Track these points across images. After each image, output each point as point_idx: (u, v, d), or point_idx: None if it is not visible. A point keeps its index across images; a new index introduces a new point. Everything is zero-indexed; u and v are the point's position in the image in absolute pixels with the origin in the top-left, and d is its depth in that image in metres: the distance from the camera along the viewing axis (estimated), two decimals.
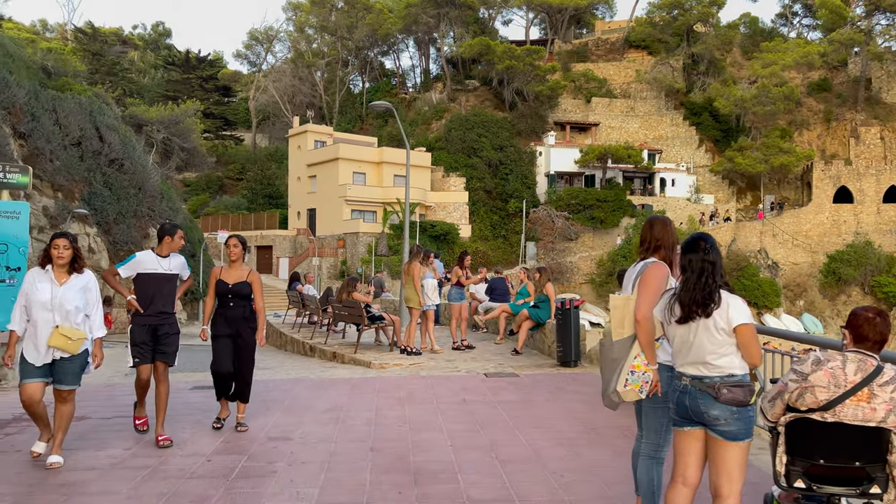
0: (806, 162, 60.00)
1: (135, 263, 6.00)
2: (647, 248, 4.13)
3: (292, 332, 14.92)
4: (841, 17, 67.12)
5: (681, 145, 66.20)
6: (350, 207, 54.30)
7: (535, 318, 11.01)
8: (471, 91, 70.54)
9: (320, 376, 9.36)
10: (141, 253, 6.07)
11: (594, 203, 57.34)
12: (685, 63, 68.80)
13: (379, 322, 11.68)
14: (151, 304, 5.87)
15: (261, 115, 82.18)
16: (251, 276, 6.33)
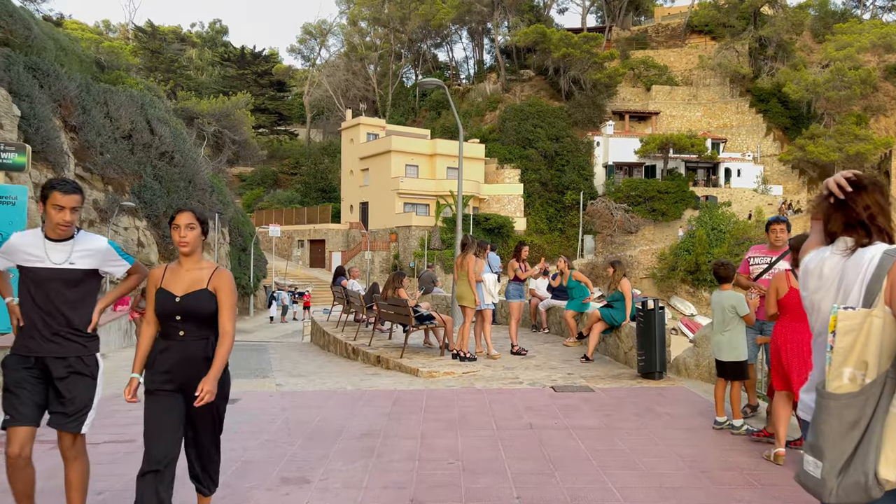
0: (885, 150, 56.23)
1: (6, 249, 3.57)
2: None
3: (335, 332, 13.76)
4: None
5: (747, 134, 63.01)
6: (402, 200, 53.32)
7: (609, 319, 9.53)
8: (525, 81, 68.71)
9: (359, 386, 8.10)
10: (17, 234, 3.57)
11: (655, 195, 54.97)
12: (751, 47, 65.44)
13: (428, 323, 10.37)
14: (38, 322, 3.46)
15: (315, 110, 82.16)
16: (216, 279, 3.45)
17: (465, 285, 9.66)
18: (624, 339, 9.40)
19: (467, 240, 9.74)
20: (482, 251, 10.00)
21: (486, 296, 9.66)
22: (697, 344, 8.13)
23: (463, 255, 9.69)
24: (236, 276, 36.73)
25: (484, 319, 9.95)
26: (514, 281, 10.63)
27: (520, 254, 10.80)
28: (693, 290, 51.77)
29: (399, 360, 9.84)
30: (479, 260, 9.76)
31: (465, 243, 9.73)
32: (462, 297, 9.66)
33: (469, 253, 9.63)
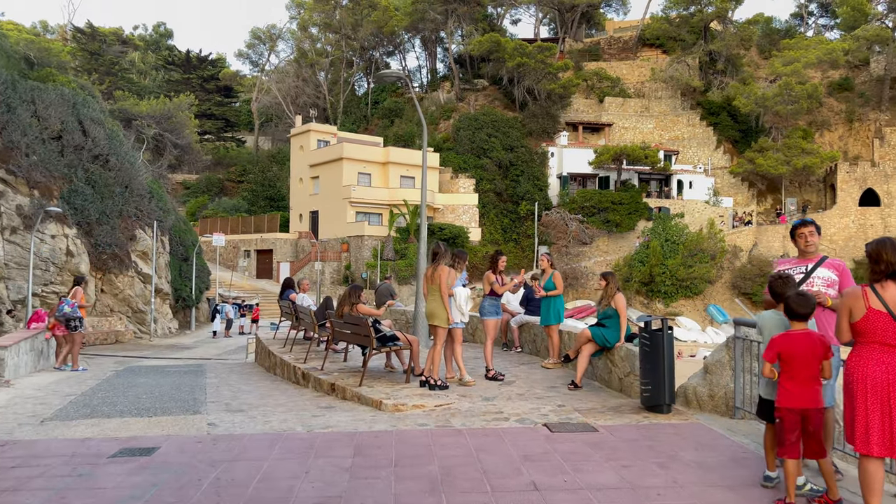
0: (830, 163, 57.26)
1: None
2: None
3: (283, 353, 12.23)
4: (862, 13, 64.49)
5: (698, 146, 63.49)
6: (354, 209, 51.74)
7: (600, 340, 8.31)
8: (479, 90, 68.01)
9: (311, 426, 6.67)
10: None
11: (609, 206, 54.69)
12: (702, 61, 66.17)
13: (392, 344, 8.99)
14: None
15: (263, 117, 79.90)
16: None
17: (436, 301, 8.33)
18: (619, 362, 8.19)
19: (440, 249, 8.43)
20: (459, 262, 8.69)
21: (455, 313, 8.33)
22: (710, 371, 6.96)
23: (434, 267, 8.37)
24: (177, 287, 34.55)
25: (454, 340, 8.64)
26: (490, 296, 9.35)
27: (497, 264, 9.52)
28: (647, 302, 51.52)
29: (358, 388, 8.43)
30: (454, 272, 8.45)
31: (437, 252, 8.41)
32: (433, 314, 8.33)
33: (441, 264, 8.31)
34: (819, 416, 4.34)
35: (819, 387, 4.37)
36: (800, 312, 4.44)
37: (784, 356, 4.42)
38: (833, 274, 5.36)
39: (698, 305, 51.89)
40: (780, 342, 4.46)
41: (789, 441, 4.35)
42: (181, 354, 22.53)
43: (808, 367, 4.36)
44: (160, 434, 6.47)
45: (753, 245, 54.74)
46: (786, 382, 4.42)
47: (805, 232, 5.48)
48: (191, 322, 35.43)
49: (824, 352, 4.38)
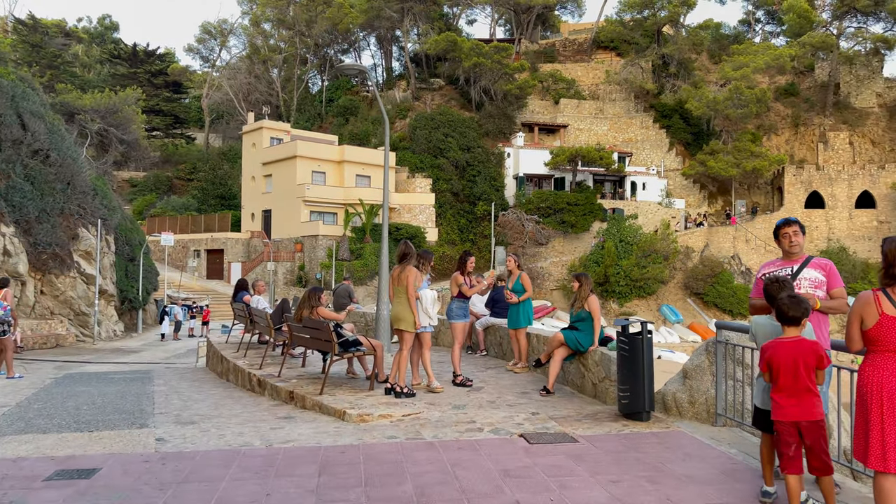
0: (777, 166, 58.70)
1: None
2: None
3: (236, 358, 11.62)
4: (808, 21, 66.28)
5: (651, 148, 64.38)
6: (309, 209, 50.80)
7: (573, 344, 8.00)
8: (436, 90, 67.66)
9: (270, 440, 6.17)
10: None
11: (565, 207, 54.96)
12: (655, 64, 67.13)
13: (355, 350, 8.52)
14: None
15: (214, 114, 77.98)
16: None
17: (403, 304, 7.91)
18: (592, 367, 7.89)
19: (408, 248, 8.01)
20: (424, 263, 8.28)
21: (423, 317, 7.93)
22: (690, 376, 6.70)
23: (401, 268, 7.95)
24: (123, 288, 33.23)
25: (422, 345, 8.22)
26: (458, 298, 8.96)
27: (465, 265, 9.13)
28: (602, 302, 51.86)
29: (319, 397, 7.94)
30: (420, 274, 8.04)
31: (406, 253, 7.99)
32: (400, 318, 7.91)
33: (409, 264, 7.89)
34: (816, 429, 4.06)
35: (814, 398, 4.09)
36: (791, 316, 4.16)
37: (772, 365, 4.15)
38: (820, 274, 5.15)
39: (651, 305, 52.52)
40: (768, 350, 4.19)
41: (787, 455, 4.07)
42: (127, 359, 21.55)
43: (795, 378, 4.08)
44: (102, 452, 5.89)
45: (705, 246, 55.68)
46: (774, 394, 4.15)
47: (789, 231, 5.25)
48: (137, 324, 34.15)
49: (817, 361, 4.09)
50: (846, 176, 57.29)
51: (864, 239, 55.66)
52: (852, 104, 65.43)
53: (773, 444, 4.35)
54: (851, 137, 63.99)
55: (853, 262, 51.89)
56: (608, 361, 7.45)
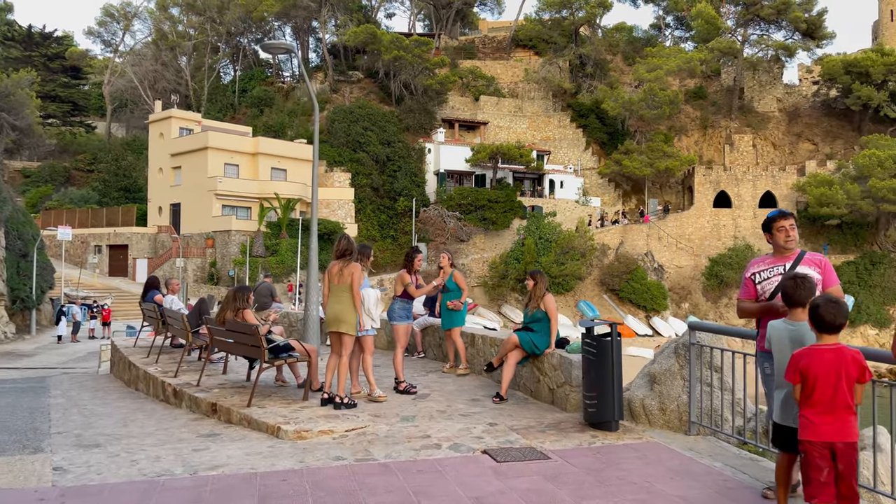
0: (688, 167, 60.67)
1: None
2: None
3: (147, 364, 10.46)
4: (715, 27, 68.80)
5: (568, 147, 65.32)
6: (221, 202, 48.62)
7: (529, 346, 7.42)
8: (354, 83, 66.27)
9: (194, 466, 5.28)
10: None
11: (486, 203, 54.95)
12: (573, 64, 68.13)
13: (286, 356, 7.65)
14: None
15: (117, 102, 73.59)
16: None
17: (344, 304, 7.13)
18: (549, 371, 7.34)
19: (350, 244, 7.22)
20: (364, 259, 7.53)
21: (365, 319, 7.18)
22: (659, 381, 6.23)
23: (343, 263, 7.15)
24: (15, 287, 30.59)
25: (364, 349, 7.46)
26: (402, 298, 8.23)
27: (412, 263, 8.42)
28: (522, 298, 52.15)
29: (247, 410, 7.04)
30: (363, 273, 7.28)
31: (349, 249, 7.19)
32: (341, 319, 7.11)
33: (352, 261, 7.12)
34: (851, 452, 3.56)
35: (852, 416, 3.58)
36: (837, 323, 3.65)
37: (807, 376, 3.62)
38: (815, 272, 4.70)
39: (569, 301, 53.19)
40: (802, 359, 3.66)
41: (817, 481, 3.54)
42: (19, 363, 19.63)
43: (835, 392, 3.57)
44: None
45: (620, 243, 56.91)
46: (806, 410, 3.62)
47: (786, 225, 4.79)
48: (31, 325, 31.53)
49: (859, 373, 3.60)
50: (751, 177, 59.86)
51: None
52: (755, 108, 68.50)
53: (790, 465, 3.86)
54: (755, 140, 67.00)
55: None
56: (568, 365, 6.91)
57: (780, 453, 4.00)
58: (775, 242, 4.84)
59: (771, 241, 4.91)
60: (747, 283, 4.85)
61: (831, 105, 66.27)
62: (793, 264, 4.71)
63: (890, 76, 57.95)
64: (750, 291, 4.81)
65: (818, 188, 51.80)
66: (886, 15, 71.81)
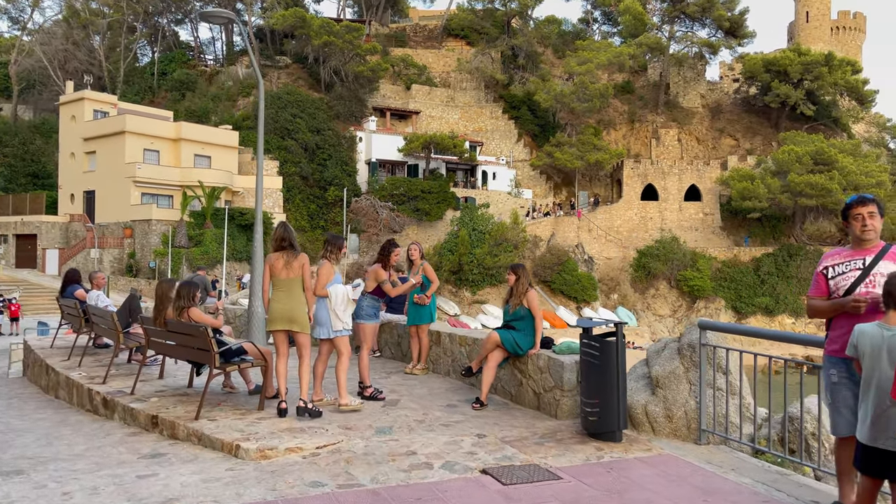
0: (617, 160, 61.60)
1: None
2: None
3: (68, 368, 9.30)
4: (642, 23, 70.06)
5: (500, 138, 65.29)
6: (140, 190, 46.09)
7: (511, 346, 6.79)
8: (282, 68, 64.15)
9: (140, 499, 4.39)
10: None
11: (419, 194, 54.20)
12: (505, 55, 68.04)
13: (239, 360, 6.77)
14: None
15: (24, 83, 68.77)
16: None
17: (296, 300, 6.35)
18: (534, 374, 6.73)
19: (287, 233, 6.59)
20: (334, 250, 6.74)
21: (333, 319, 6.43)
22: (662, 385, 5.72)
23: (289, 255, 6.39)
24: None
25: (340, 352, 6.67)
26: (371, 295, 7.46)
27: (389, 258, 7.67)
28: (456, 290, 51.83)
29: (195, 424, 6.14)
30: (329, 264, 6.50)
31: (286, 238, 6.49)
32: (291, 317, 6.33)
33: (298, 251, 6.43)
34: None
35: None
36: None
37: None
38: None
39: (502, 293, 53.10)
40: None
41: None
42: None
43: None
44: None
45: (551, 235, 57.28)
46: None
47: (863, 212, 4.07)
48: None
49: None
50: (677, 171, 61.31)
51: (692, 230, 59.91)
52: (680, 104, 70.25)
53: (874, 492, 3.36)
54: (680, 135, 68.75)
55: (683, 251, 55.52)
56: (559, 368, 6.31)
57: (862, 477, 3.49)
58: (852, 232, 4.15)
59: (847, 229, 4.27)
60: (818, 278, 4.22)
61: (751, 102, 68.64)
62: (874, 259, 4.04)
63: (806, 75, 60.37)
64: (821, 288, 4.19)
65: (741, 182, 53.46)
66: (802, 16, 74.98)
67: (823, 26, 77.84)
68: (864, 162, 52.81)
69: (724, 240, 59.81)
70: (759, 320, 54.03)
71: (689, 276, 54.38)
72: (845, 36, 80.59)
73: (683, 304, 55.21)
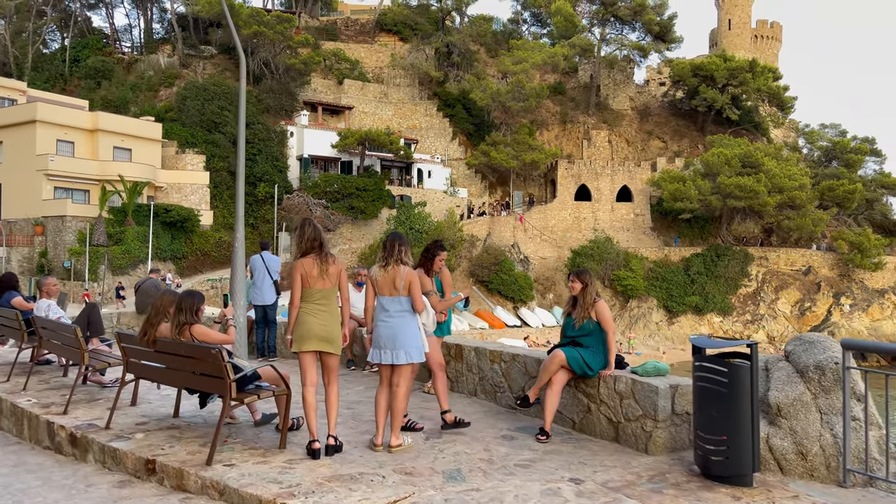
0: (552, 160, 61.80)
1: None
2: None
3: (12, 393, 7.69)
4: (573, 24, 70.73)
5: (435, 136, 64.40)
6: (53, 184, 42.82)
7: (578, 367, 5.80)
8: (207, 58, 61.18)
9: None
10: None
11: (353, 192, 52.60)
12: (440, 52, 67.18)
13: (253, 387, 5.51)
14: None
15: None
16: None
17: (333, 315, 5.28)
18: (607, 399, 5.77)
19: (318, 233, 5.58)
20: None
21: (425, 338, 5.41)
22: (787, 415, 4.86)
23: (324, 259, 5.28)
24: None
25: (403, 380, 5.53)
26: None
27: (433, 262, 6.55)
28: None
29: (209, 472, 4.86)
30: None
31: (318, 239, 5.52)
32: (326, 336, 5.23)
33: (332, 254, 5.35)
34: None
35: None
36: None
37: None
38: None
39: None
40: None
41: None
42: None
43: None
44: None
45: (487, 235, 56.84)
46: None
47: None
48: None
49: None
50: (609, 171, 62.06)
51: (624, 230, 60.74)
52: (611, 106, 71.26)
53: None
54: (610, 136, 69.72)
55: (616, 250, 56.13)
56: (650, 394, 5.37)
57: None
58: None
59: None
60: None
61: (678, 105, 70.36)
62: None
63: (732, 81, 62.25)
64: None
65: (672, 184, 54.49)
66: (725, 24, 77.54)
67: (745, 34, 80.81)
68: (787, 165, 54.81)
69: (655, 240, 60.94)
70: (689, 319, 55.29)
71: (622, 275, 54.99)
72: (763, 44, 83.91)
73: (617, 303, 55.79)
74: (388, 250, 5.51)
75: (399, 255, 5.49)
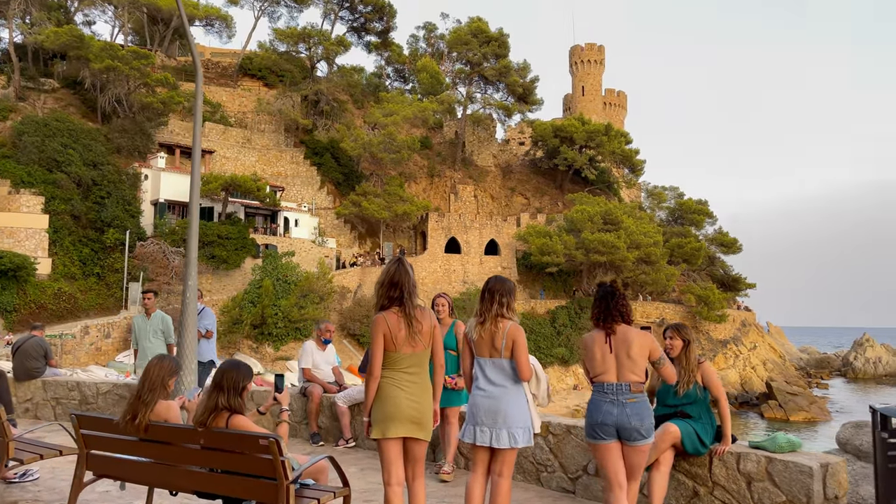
0: (423, 212, 61.78)
1: None
2: None
3: None
4: (438, 82, 72.42)
5: (302, 185, 62.37)
6: None
7: (692, 445, 4.82)
8: (48, 91, 55.73)
9: None
10: None
11: (215, 240, 49.19)
12: (308, 100, 65.80)
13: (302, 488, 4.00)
14: None
15: None
16: None
17: (426, 390, 3.96)
18: (725, 482, 4.81)
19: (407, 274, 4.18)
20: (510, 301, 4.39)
21: (535, 418, 4.11)
22: None
23: (416, 311, 4.02)
24: None
25: (507, 468, 4.23)
26: None
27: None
28: (257, 346, 47.46)
29: None
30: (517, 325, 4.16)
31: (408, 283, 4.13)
32: (421, 416, 3.96)
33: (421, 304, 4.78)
34: None
35: None
36: None
37: None
38: None
39: None
40: None
41: None
42: None
43: None
44: None
45: (358, 286, 55.28)
46: None
47: None
48: None
49: None
50: (478, 225, 62.98)
51: None
52: (476, 162, 72.96)
53: None
54: (476, 191, 71.11)
55: None
56: (800, 476, 4.47)
57: None
58: None
59: None
60: None
61: (538, 164, 73.33)
62: None
63: (590, 142, 65.89)
64: None
65: (539, 239, 56.07)
66: (578, 90, 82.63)
67: (596, 100, 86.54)
68: (642, 223, 58.31)
69: (521, 293, 62.11)
70: (556, 370, 56.41)
71: None
72: (611, 111, 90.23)
73: None
74: (488, 301, 4.28)
75: (500, 309, 4.27)
